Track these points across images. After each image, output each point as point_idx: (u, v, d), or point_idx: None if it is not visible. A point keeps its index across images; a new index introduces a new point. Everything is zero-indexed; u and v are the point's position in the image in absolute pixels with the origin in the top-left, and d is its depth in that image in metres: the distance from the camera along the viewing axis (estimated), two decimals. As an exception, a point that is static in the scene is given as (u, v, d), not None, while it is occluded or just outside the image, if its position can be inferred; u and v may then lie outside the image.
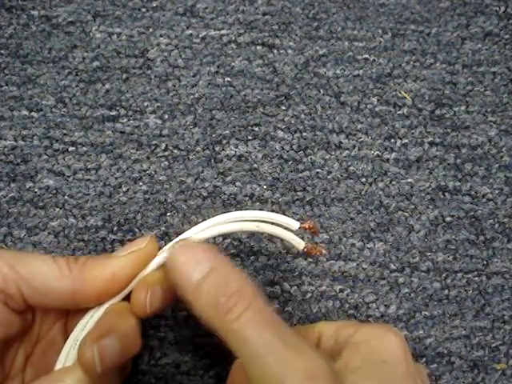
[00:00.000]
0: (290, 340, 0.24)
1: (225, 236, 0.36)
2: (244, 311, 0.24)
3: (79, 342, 0.26)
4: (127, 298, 0.28)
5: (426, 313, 0.36)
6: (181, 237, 0.29)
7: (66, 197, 0.37)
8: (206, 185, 0.38)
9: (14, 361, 0.29)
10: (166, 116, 0.39)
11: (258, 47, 0.42)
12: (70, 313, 0.30)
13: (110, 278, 0.27)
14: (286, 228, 0.30)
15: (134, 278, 0.28)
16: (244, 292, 0.25)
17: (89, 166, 0.38)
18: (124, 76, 0.40)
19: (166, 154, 0.38)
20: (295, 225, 0.29)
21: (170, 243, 0.29)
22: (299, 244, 0.30)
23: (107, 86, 0.40)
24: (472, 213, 0.38)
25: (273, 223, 0.30)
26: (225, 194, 0.38)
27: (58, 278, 0.27)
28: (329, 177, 0.39)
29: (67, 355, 0.27)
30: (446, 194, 0.38)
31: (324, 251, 0.30)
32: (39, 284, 0.27)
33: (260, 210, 0.37)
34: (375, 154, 0.39)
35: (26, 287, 0.27)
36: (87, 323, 0.27)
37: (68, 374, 0.25)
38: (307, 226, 0.30)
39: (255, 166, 0.39)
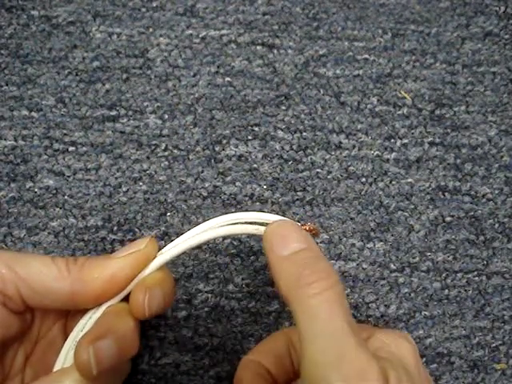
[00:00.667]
0: (356, 333, 0.24)
1: (224, 236, 0.36)
2: (325, 290, 0.24)
3: (76, 344, 0.26)
4: (126, 299, 0.28)
5: (425, 313, 0.36)
6: (178, 239, 0.29)
7: (65, 197, 0.37)
8: (206, 185, 0.38)
9: (14, 361, 0.29)
10: (166, 116, 0.39)
11: (258, 47, 0.42)
12: (69, 313, 0.30)
13: (108, 279, 0.27)
14: None
15: (133, 279, 0.28)
16: (330, 274, 0.25)
17: (89, 166, 0.38)
18: (124, 76, 0.40)
19: (166, 153, 0.38)
20: None
21: (170, 244, 0.29)
22: None
23: (107, 85, 0.40)
24: (472, 213, 0.38)
25: None
26: (225, 193, 0.38)
27: (56, 278, 0.27)
28: (329, 177, 0.39)
29: (66, 356, 0.27)
30: (446, 193, 0.38)
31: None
32: (38, 285, 0.27)
33: (260, 210, 0.37)
34: (375, 154, 0.39)
35: (25, 288, 0.26)
36: (86, 324, 0.27)
37: (66, 376, 0.25)
38: (308, 228, 0.30)
39: (255, 165, 0.39)
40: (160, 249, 0.29)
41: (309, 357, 0.23)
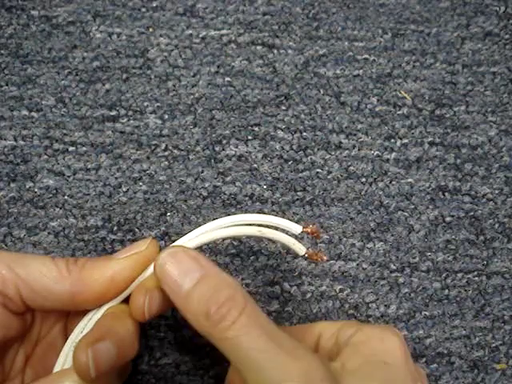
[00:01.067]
0: (286, 343, 0.24)
1: (225, 238, 0.36)
2: (237, 318, 0.24)
3: (75, 345, 0.26)
4: (127, 301, 0.28)
5: (426, 313, 0.36)
6: (180, 240, 0.29)
7: (65, 197, 0.37)
8: (206, 185, 0.38)
9: (14, 361, 0.29)
10: (166, 116, 0.39)
11: (258, 47, 0.42)
12: (70, 314, 0.30)
13: (109, 281, 0.27)
14: (287, 232, 0.30)
15: (133, 281, 0.28)
16: (236, 298, 0.24)
17: (89, 166, 0.38)
18: (124, 76, 0.40)
19: (166, 154, 0.38)
20: (297, 229, 0.29)
21: (173, 244, 0.29)
22: (300, 250, 0.30)
23: (107, 85, 0.40)
24: (472, 213, 0.38)
25: (275, 227, 0.29)
26: (225, 193, 0.38)
27: (56, 279, 0.27)
28: (329, 177, 0.39)
29: (66, 357, 0.27)
30: (446, 193, 0.38)
31: (325, 257, 0.30)
32: (38, 286, 0.26)
33: (260, 209, 0.37)
34: (375, 154, 0.39)
35: (25, 289, 0.26)
36: (86, 326, 0.27)
37: (66, 377, 0.25)
38: (309, 231, 0.29)
39: (255, 165, 0.39)
40: (161, 249, 0.29)
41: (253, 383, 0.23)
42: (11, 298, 0.26)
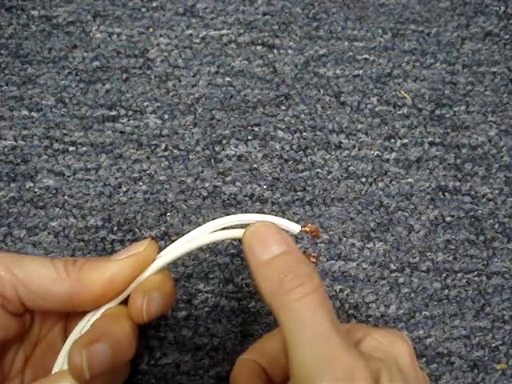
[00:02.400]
0: (343, 333, 0.24)
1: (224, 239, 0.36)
2: (308, 294, 0.24)
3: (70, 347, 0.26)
4: (126, 302, 0.28)
5: (426, 313, 0.36)
6: (179, 241, 0.29)
7: (65, 197, 0.37)
8: (206, 185, 0.38)
9: (14, 362, 0.29)
10: (166, 116, 0.39)
11: (258, 47, 0.42)
12: (69, 315, 0.30)
13: (107, 282, 0.27)
14: (287, 232, 0.30)
15: (132, 282, 0.28)
16: (312, 277, 0.25)
17: (89, 166, 0.38)
18: (124, 76, 0.40)
19: (166, 154, 0.38)
20: (296, 228, 0.29)
21: (171, 246, 0.29)
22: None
23: (107, 85, 0.40)
24: (472, 213, 0.38)
25: None
26: (225, 193, 0.38)
27: (55, 280, 0.26)
28: (329, 177, 0.39)
29: (64, 358, 0.27)
30: (446, 193, 0.38)
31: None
32: (37, 287, 0.26)
33: (260, 209, 0.37)
34: (375, 154, 0.39)
35: (24, 290, 0.26)
36: (84, 327, 0.27)
37: (64, 377, 0.25)
38: (308, 230, 0.29)
39: (255, 165, 0.39)
40: (160, 250, 0.29)
41: (297, 360, 0.23)
42: (10, 300, 0.26)
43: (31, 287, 0.26)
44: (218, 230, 0.29)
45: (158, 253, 0.29)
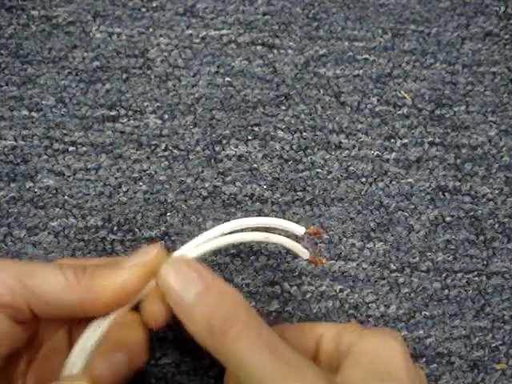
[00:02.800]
0: (289, 357, 0.24)
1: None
2: (239, 333, 0.24)
3: (87, 356, 0.26)
4: (135, 308, 0.28)
5: (426, 313, 0.36)
6: (184, 247, 0.29)
7: (65, 197, 0.37)
8: (206, 185, 0.38)
9: (17, 365, 0.29)
10: (166, 116, 0.39)
11: (258, 47, 0.42)
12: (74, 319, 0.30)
13: (119, 289, 0.26)
14: (289, 235, 0.30)
15: (142, 288, 0.27)
16: (238, 313, 0.25)
17: (89, 166, 0.38)
18: (124, 76, 0.40)
19: (166, 154, 0.38)
20: (301, 230, 0.29)
21: (180, 250, 0.28)
22: (304, 254, 0.30)
23: (107, 85, 0.40)
24: (472, 213, 0.38)
25: (279, 231, 0.30)
26: (225, 193, 0.38)
27: (66, 289, 0.26)
28: (329, 177, 0.39)
29: (74, 362, 0.26)
30: (446, 193, 0.38)
31: (325, 261, 0.31)
32: (47, 296, 0.26)
33: (260, 210, 0.37)
34: (375, 154, 0.39)
35: (35, 300, 0.26)
36: (94, 332, 0.27)
37: (77, 382, 0.25)
38: (312, 232, 0.30)
39: (255, 165, 0.39)
40: (168, 250, 0.29)
41: None
42: (20, 310, 0.26)
43: (42, 297, 0.26)
44: (232, 233, 0.29)
45: (169, 253, 0.28)
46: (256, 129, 0.39)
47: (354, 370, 0.25)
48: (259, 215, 0.37)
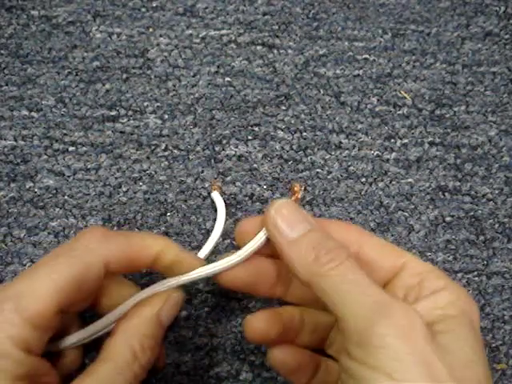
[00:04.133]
0: (390, 296, 0.24)
1: (224, 237, 0.36)
2: (344, 261, 0.25)
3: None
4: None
5: (426, 313, 0.36)
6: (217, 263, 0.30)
7: (65, 197, 0.37)
8: (206, 185, 0.38)
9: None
10: (166, 116, 0.39)
11: (258, 47, 0.42)
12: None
13: (162, 248, 0.29)
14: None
15: (176, 267, 0.29)
16: (341, 249, 0.26)
17: (89, 166, 0.38)
18: (124, 76, 0.40)
19: (166, 154, 0.38)
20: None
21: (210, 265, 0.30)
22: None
23: (107, 85, 0.40)
24: (472, 213, 0.38)
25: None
26: (225, 194, 0.38)
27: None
28: (329, 177, 0.39)
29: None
30: (446, 193, 0.38)
31: (297, 187, 0.31)
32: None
33: (260, 210, 0.37)
34: (375, 154, 0.39)
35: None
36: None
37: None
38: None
39: (255, 165, 0.39)
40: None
41: (349, 315, 0.24)
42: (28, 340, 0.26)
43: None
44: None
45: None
46: (256, 129, 0.39)
47: (444, 319, 0.25)
48: (259, 215, 0.37)
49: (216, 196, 0.36)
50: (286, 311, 0.31)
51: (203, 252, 0.32)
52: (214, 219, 0.37)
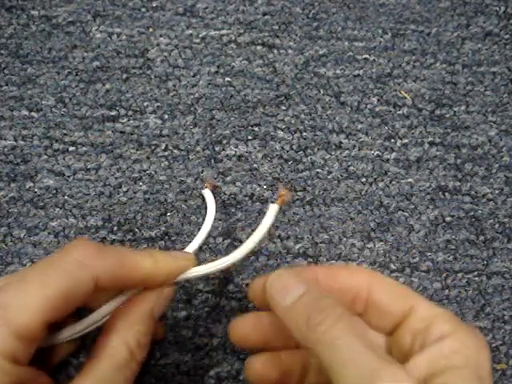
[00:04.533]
0: (381, 353, 0.24)
1: (225, 237, 0.36)
2: (336, 322, 0.25)
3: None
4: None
5: (426, 313, 0.36)
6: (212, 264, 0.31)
7: (65, 197, 0.37)
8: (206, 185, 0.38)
9: None
10: (166, 116, 0.39)
11: (258, 47, 0.42)
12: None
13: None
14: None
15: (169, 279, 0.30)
16: (334, 307, 0.26)
17: (89, 166, 0.38)
18: (124, 76, 0.40)
19: (166, 154, 0.38)
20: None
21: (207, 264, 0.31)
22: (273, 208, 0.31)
23: (107, 85, 0.40)
24: (472, 213, 0.38)
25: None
26: (225, 194, 0.38)
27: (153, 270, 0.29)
28: (329, 177, 0.39)
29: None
30: (446, 193, 0.38)
31: (283, 191, 0.32)
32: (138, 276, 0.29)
33: (260, 210, 0.37)
34: (375, 154, 0.39)
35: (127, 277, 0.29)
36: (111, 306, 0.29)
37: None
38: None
39: (255, 165, 0.39)
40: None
41: (343, 383, 0.24)
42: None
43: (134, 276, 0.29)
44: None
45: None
46: (256, 129, 0.39)
47: (443, 372, 0.25)
48: (259, 215, 0.37)
49: (207, 193, 0.36)
50: (286, 356, 0.31)
51: (192, 247, 0.33)
52: (214, 219, 0.37)
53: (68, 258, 0.27)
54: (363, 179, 0.38)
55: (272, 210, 0.31)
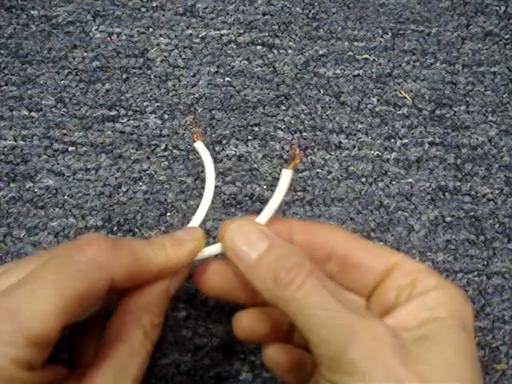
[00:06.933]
0: (354, 307, 0.24)
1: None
2: (305, 280, 0.25)
3: None
4: None
5: (426, 313, 0.36)
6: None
7: (65, 197, 0.37)
8: (206, 185, 0.38)
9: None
10: (166, 116, 0.39)
11: (258, 47, 0.42)
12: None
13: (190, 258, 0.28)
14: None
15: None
16: (303, 264, 0.25)
17: (89, 166, 0.38)
18: (124, 76, 0.40)
19: (166, 154, 0.38)
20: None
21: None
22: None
23: (107, 85, 0.40)
24: (472, 213, 0.38)
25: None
26: (225, 194, 0.38)
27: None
28: (329, 177, 0.38)
29: None
30: (446, 194, 0.38)
31: (297, 152, 0.29)
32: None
33: (260, 210, 0.37)
34: (375, 154, 0.39)
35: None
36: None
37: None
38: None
39: (255, 166, 0.39)
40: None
41: (319, 342, 0.24)
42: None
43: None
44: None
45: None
46: (256, 129, 0.39)
47: (428, 322, 0.25)
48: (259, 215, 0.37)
49: (199, 146, 0.31)
50: (274, 311, 0.30)
51: (197, 218, 0.31)
52: (215, 219, 0.37)
53: (82, 258, 0.25)
54: (363, 179, 0.38)
55: (286, 176, 0.29)
